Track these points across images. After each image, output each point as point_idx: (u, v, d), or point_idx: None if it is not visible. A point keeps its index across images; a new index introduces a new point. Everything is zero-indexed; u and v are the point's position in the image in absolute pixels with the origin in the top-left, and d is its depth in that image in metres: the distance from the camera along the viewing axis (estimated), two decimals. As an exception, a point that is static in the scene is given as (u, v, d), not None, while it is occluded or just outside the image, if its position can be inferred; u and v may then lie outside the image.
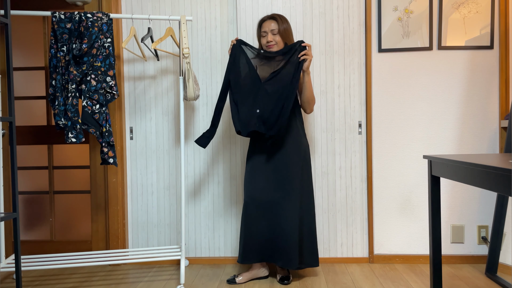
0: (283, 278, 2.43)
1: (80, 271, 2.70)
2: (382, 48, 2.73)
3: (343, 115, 2.78)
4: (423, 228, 2.75)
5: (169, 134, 2.84)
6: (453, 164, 1.68)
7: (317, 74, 2.77)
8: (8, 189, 2.79)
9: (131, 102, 2.84)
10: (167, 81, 2.83)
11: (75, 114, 2.34)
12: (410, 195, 2.75)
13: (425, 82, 2.74)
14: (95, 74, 2.37)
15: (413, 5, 2.70)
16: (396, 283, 2.41)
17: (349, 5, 2.75)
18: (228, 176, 2.81)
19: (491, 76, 2.70)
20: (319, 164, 2.78)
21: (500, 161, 1.54)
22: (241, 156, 2.80)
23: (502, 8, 2.65)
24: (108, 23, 2.40)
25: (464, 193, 2.74)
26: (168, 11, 2.81)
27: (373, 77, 2.75)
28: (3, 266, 2.36)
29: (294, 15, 2.76)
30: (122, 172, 2.79)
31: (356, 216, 2.78)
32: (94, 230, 2.82)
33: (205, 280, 2.51)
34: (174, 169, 2.83)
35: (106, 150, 2.43)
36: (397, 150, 2.76)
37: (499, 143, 2.70)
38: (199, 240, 2.84)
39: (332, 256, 2.79)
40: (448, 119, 2.73)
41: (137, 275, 2.62)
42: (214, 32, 2.81)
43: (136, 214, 2.85)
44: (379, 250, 2.78)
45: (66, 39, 2.35)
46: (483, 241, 2.72)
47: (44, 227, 3.13)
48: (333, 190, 2.78)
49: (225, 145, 2.81)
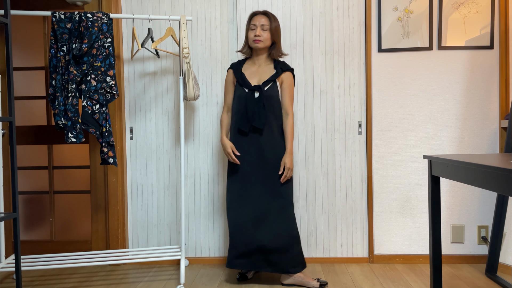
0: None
1: (80, 271, 2.70)
2: (382, 48, 2.73)
3: (343, 115, 2.78)
4: (423, 228, 2.75)
5: (169, 134, 2.84)
6: (453, 164, 1.68)
7: (317, 74, 2.77)
8: (8, 189, 2.79)
9: (131, 102, 2.84)
10: (167, 81, 2.83)
11: (75, 114, 2.34)
12: (410, 195, 2.75)
13: (425, 82, 2.74)
14: (95, 74, 2.37)
15: (413, 5, 2.70)
16: (396, 283, 2.41)
17: (349, 5, 2.75)
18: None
19: (491, 76, 2.70)
20: (319, 164, 2.78)
21: (500, 161, 1.54)
22: (241, 156, 2.80)
23: (502, 8, 2.65)
24: (108, 23, 2.40)
25: (464, 193, 2.74)
26: (168, 11, 2.81)
27: (373, 77, 2.75)
28: (3, 266, 2.36)
29: (294, 15, 2.76)
30: (122, 172, 2.79)
31: (356, 216, 2.78)
32: (94, 230, 2.82)
33: (205, 280, 2.51)
34: (174, 169, 2.83)
35: (106, 150, 2.43)
36: (397, 150, 2.76)
37: (499, 143, 2.70)
38: (199, 240, 2.84)
39: (332, 256, 2.79)
40: (448, 119, 2.73)
41: (137, 275, 2.62)
42: (214, 32, 2.80)
43: (136, 214, 2.85)
44: (379, 250, 2.78)
45: (66, 39, 2.35)
46: (483, 241, 2.72)
47: (44, 227, 3.13)
48: (333, 190, 2.78)
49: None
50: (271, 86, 2.37)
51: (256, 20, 2.38)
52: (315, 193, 2.78)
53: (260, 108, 2.31)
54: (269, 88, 2.36)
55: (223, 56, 2.80)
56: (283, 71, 2.40)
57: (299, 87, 2.77)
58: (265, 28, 2.36)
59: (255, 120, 2.32)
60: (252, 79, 2.40)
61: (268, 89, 2.36)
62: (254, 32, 2.37)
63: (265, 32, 2.36)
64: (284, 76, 2.39)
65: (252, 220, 2.33)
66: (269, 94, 2.35)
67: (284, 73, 2.40)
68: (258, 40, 2.35)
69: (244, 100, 2.35)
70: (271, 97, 2.35)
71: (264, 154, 2.35)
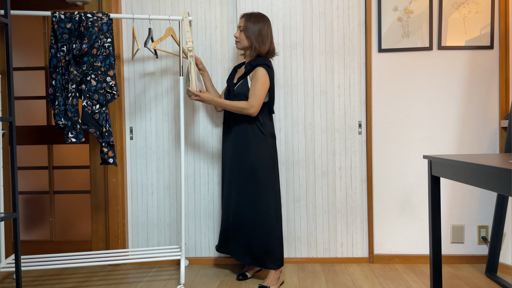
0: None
1: (80, 271, 2.70)
2: (382, 48, 2.73)
3: (343, 115, 2.78)
4: (423, 228, 2.75)
5: (169, 134, 2.84)
6: (453, 164, 1.68)
7: (317, 74, 2.77)
8: (8, 189, 2.79)
9: (131, 102, 2.84)
10: (167, 81, 2.83)
11: (75, 114, 2.34)
12: (410, 195, 2.75)
13: (425, 82, 2.74)
14: (95, 74, 2.37)
15: (413, 5, 2.70)
16: (396, 283, 2.41)
17: (349, 5, 2.76)
18: (228, 176, 2.81)
19: (491, 76, 2.70)
20: (319, 164, 2.78)
21: (500, 161, 1.54)
22: (241, 156, 2.80)
23: (502, 8, 2.65)
24: (108, 23, 2.40)
25: (464, 193, 2.74)
26: (168, 11, 2.81)
27: (373, 77, 2.75)
28: (3, 266, 2.36)
29: (294, 15, 2.76)
30: (122, 172, 2.79)
31: (356, 216, 2.78)
32: (94, 230, 2.82)
33: (205, 280, 2.51)
34: (174, 169, 2.83)
35: (106, 150, 2.43)
36: (397, 150, 2.76)
37: (499, 143, 2.70)
38: (199, 240, 2.84)
39: (332, 256, 2.79)
40: (448, 119, 2.73)
41: (137, 275, 2.62)
42: (214, 32, 2.81)
43: (136, 214, 2.85)
44: (379, 250, 2.78)
45: (66, 39, 2.35)
46: (483, 241, 2.72)
47: (44, 227, 3.13)
48: (333, 190, 2.78)
49: (225, 144, 2.81)
50: (242, 83, 2.42)
51: (239, 21, 2.45)
52: (315, 193, 2.78)
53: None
54: (239, 86, 2.42)
55: (223, 56, 2.80)
56: (253, 67, 2.37)
57: (299, 87, 2.77)
58: (242, 29, 2.41)
59: (229, 117, 2.48)
60: (236, 77, 2.50)
61: (238, 87, 2.42)
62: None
63: (241, 33, 2.41)
64: (254, 71, 2.37)
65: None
66: (237, 92, 2.41)
67: (255, 68, 2.37)
68: (236, 41, 2.44)
69: (226, 98, 2.48)
70: (239, 94, 2.40)
71: (232, 152, 2.45)
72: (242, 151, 2.40)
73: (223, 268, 2.72)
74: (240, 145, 2.41)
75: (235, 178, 2.43)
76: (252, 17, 2.40)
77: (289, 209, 2.77)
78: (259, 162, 2.36)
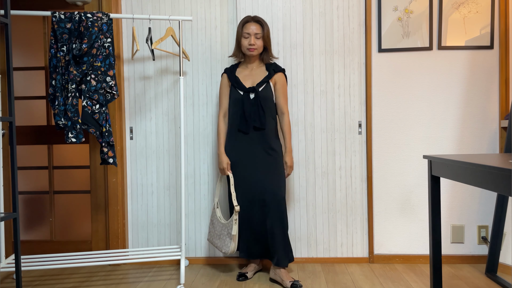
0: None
1: (80, 271, 2.70)
2: (382, 48, 2.73)
3: (343, 115, 2.78)
4: (423, 228, 2.75)
5: (169, 134, 2.84)
6: (453, 164, 1.68)
7: (317, 74, 2.77)
8: (8, 189, 2.79)
9: (131, 102, 2.84)
10: (167, 81, 2.83)
11: (75, 114, 2.34)
12: (410, 195, 2.75)
13: (425, 82, 2.74)
14: (95, 74, 2.37)
15: (413, 5, 2.70)
16: (396, 283, 2.41)
17: (349, 5, 2.76)
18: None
19: (491, 76, 2.70)
20: (319, 164, 2.78)
21: (500, 161, 1.54)
22: (241, 156, 2.80)
23: (502, 8, 2.65)
24: (108, 23, 2.40)
25: (464, 193, 2.74)
26: (168, 11, 2.81)
27: (373, 77, 2.75)
28: (3, 266, 2.36)
29: (294, 15, 2.76)
30: (122, 172, 2.79)
31: (356, 216, 2.78)
32: (94, 230, 2.82)
33: (205, 280, 2.51)
34: (174, 169, 2.83)
35: (106, 150, 2.43)
36: (397, 150, 2.76)
37: (499, 143, 2.70)
38: (199, 240, 2.84)
39: (332, 256, 2.79)
40: (448, 119, 2.73)
41: (137, 275, 2.62)
42: (214, 32, 2.81)
43: (136, 214, 2.85)
44: (379, 250, 2.78)
45: (66, 39, 2.35)
46: (483, 241, 2.72)
47: (44, 227, 3.13)
48: (333, 190, 2.78)
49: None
50: (265, 87, 2.47)
51: (249, 28, 2.46)
52: (315, 193, 2.78)
53: (258, 109, 2.42)
54: (263, 89, 2.46)
55: (223, 56, 2.80)
56: (275, 72, 2.52)
57: (299, 87, 2.77)
58: (259, 37, 2.47)
59: (256, 121, 2.42)
60: (246, 82, 2.50)
61: (262, 90, 2.46)
62: (248, 40, 2.46)
63: (258, 40, 2.47)
64: (277, 77, 2.50)
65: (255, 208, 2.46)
66: (264, 95, 2.45)
67: (277, 74, 2.51)
68: (253, 49, 2.46)
69: (241, 103, 2.45)
70: (266, 98, 2.46)
71: (263, 152, 2.44)
72: (272, 149, 2.45)
73: (223, 268, 2.72)
74: (270, 143, 2.46)
75: (269, 178, 2.43)
76: (263, 23, 2.49)
77: (289, 209, 2.77)
78: (281, 160, 2.49)
